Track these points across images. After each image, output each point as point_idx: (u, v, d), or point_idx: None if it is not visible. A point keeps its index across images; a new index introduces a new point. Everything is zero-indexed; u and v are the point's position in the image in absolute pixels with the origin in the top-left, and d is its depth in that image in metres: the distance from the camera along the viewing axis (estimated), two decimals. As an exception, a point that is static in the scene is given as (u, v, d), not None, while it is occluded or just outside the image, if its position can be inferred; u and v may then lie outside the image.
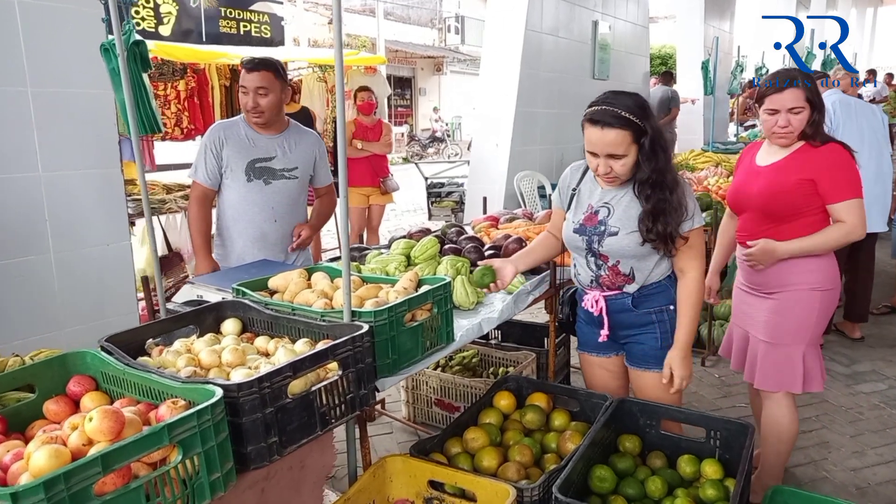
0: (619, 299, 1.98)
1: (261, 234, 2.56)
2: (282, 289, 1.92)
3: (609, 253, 1.94)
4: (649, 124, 1.80)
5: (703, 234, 1.91)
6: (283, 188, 2.56)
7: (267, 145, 2.54)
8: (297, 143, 2.60)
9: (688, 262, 1.90)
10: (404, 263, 2.34)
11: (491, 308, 2.14)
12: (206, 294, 2.11)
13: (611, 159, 1.83)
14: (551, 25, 6.26)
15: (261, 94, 2.43)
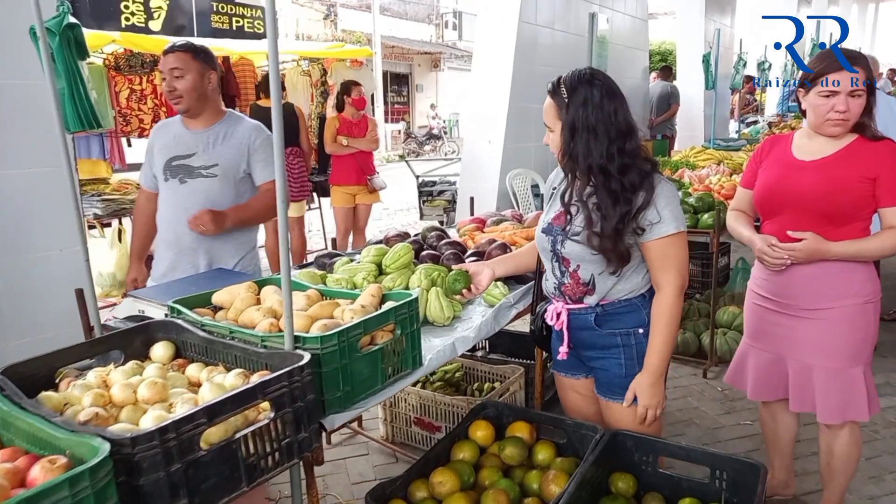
0: (582, 315, 1.74)
1: (175, 238, 2.31)
2: (227, 305, 1.68)
3: (570, 256, 1.71)
4: (576, 98, 1.59)
5: (681, 242, 1.63)
6: (199, 188, 2.27)
7: (190, 141, 2.29)
8: (225, 137, 2.30)
9: (661, 274, 1.63)
10: (374, 273, 2.10)
11: (468, 324, 1.90)
12: (149, 309, 1.88)
13: (548, 131, 1.70)
14: (547, 18, 6.01)
15: (176, 75, 2.21)
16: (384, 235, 2.68)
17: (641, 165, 1.62)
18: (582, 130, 1.59)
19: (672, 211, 1.61)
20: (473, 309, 2.06)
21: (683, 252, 1.64)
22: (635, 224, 1.60)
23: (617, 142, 1.60)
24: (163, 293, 1.93)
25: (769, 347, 2.12)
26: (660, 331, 1.65)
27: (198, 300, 1.68)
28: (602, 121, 1.59)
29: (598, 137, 1.59)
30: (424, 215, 6.91)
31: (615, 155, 1.60)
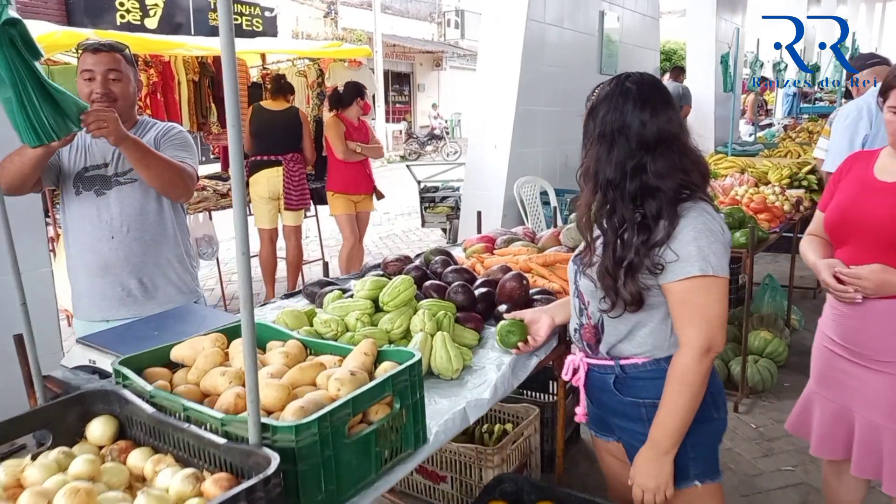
0: (600, 374, 1.49)
1: (97, 259, 2.06)
2: (189, 362, 1.38)
3: (584, 291, 1.47)
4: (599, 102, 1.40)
5: (710, 288, 1.30)
6: (119, 196, 2.05)
7: (103, 149, 2.06)
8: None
9: (681, 328, 1.34)
10: (370, 311, 1.80)
11: (481, 377, 1.60)
12: (101, 359, 1.58)
13: None
14: (555, 16, 5.70)
15: (113, 77, 1.99)
16: (383, 260, 2.39)
17: (670, 188, 1.32)
18: (597, 138, 1.38)
19: (700, 248, 1.30)
20: (486, 354, 1.76)
21: (715, 303, 1.31)
22: (651, 260, 1.31)
23: (638, 155, 1.33)
24: (118, 339, 1.63)
25: (835, 397, 1.83)
26: (669, 398, 1.35)
27: (154, 356, 1.38)
28: (620, 128, 1.34)
29: (612, 147, 1.35)
30: (426, 223, 6.61)
31: (632, 171, 1.34)
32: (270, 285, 4.85)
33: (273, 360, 1.33)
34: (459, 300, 1.92)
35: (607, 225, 1.37)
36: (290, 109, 4.72)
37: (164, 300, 2.12)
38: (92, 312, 2.12)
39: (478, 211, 3.10)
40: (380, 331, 1.69)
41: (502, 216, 5.16)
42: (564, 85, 5.96)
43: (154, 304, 2.10)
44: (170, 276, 2.16)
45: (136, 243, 2.08)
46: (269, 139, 4.57)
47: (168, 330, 1.66)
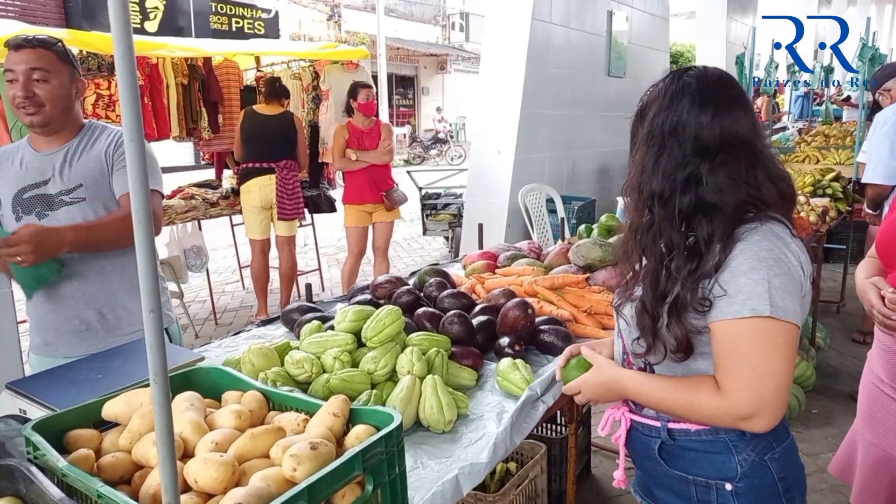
0: (644, 435, 1.21)
1: (50, 290, 1.78)
2: (124, 421, 1.15)
3: (624, 329, 1.21)
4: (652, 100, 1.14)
5: (773, 333, 0.99)
6: (65, 219, 1.75)
7: (42, 165, 1.78)
8: (84, 151, 1.80)
9: (726, 378, 1.02)
10: (351, 347, 1.56)
11: (478, 430, 1.36)
12: (31, 409, 1.35)
13: None
14: (562, 15, 5.47)
15: (37, 78, 1.70)
16: (372, 280, 2.15)
17: (730, 206, 1.05)
18: (644, 142, 1.12)
19: (755, 280, 1.00)
20: (484, 398, 1.52)
21: (771, 356, 0.99)
22: (698, 295, 1.04)
23: (693, 163, 1.06)
24: (53, 385, 1.40)
25: (880, 441, 1.60)
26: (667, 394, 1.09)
27: (82, 414, 1.14)
28: (672, 130, 1.07)
29: (662, 153, 1.08)
30: (428, 230, 6.39)
31: (684, 183, 1.06)
32: (262, 299, 4.63)
33: (222, 421, 1.09)
34: (455, 332, 1.69)
35: (651, 251, 1.11)
36: (285, 114, 4.49)
37: (129, 330, 1.86)
38: (48, 349, 1.85)
39: (479, 224, 2.86)
40: (361, 373, 1.45)
41: (506, 226, 4.92)
42: (571, 87, 5.72)
43: (117, 336, 1.84)
44: (135, 304, 1.86)
45: (91, 270, 1.80)
46: (261, 145, 4.34)
47: (114, 372, 1.43)
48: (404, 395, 1.37)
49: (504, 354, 1.64)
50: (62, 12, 11.60)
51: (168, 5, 13.10)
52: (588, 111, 6.06)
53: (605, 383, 1.19)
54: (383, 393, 1.42)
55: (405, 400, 1.36)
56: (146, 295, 0.68)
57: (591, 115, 6.13)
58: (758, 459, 1.11)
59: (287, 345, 1.64)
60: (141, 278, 0.68)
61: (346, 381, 1.41)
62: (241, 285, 5.67)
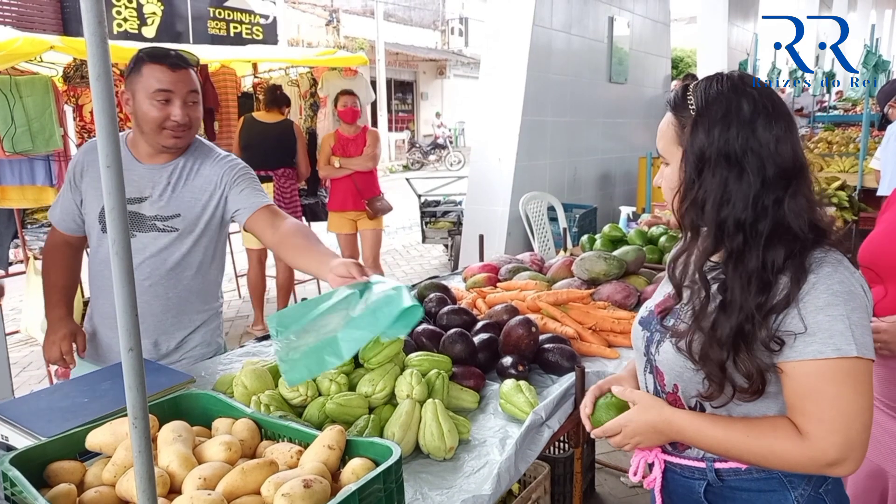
0: (685, 479, 1.11)
1: (111, 308, 1.73)
2: (109, 451, 1.09)
3: (665, 367, 1.09)
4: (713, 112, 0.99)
5: (857, 372, 0.93)
6: (151, 245, 1.68)
7: (141, 179, 1.68)
8: (190, 175, 1.72)
9: (808, 423, 0.94)
10: (348, 368, 1.50)
11: (481, 457, 1.30)
12: (14, 436, 1.29)
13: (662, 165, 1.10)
14: (563, 21, 5.43)
15: (191, 102, 1.65)
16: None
17: (804, 231, 0.97)
18: (718, 162, 0.98)
19: (837, 317, 0.92)
20: (486, 422, 1.46)
21: (858, 396, 0.93)
22: (767, 330, 0.95)
23: (775, 187, 0.97)
24: (38, 410, 1.34)
25: (872, 454, 1.54)
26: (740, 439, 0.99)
27: (64, 445, 1.09)
28: (754, 150, 0.97)
29: (743, 176, 0.97)
30: (427, 238, 6.34)
31: (769, 208, 0.97)
32: (259, 309, 4.56)
33: (211, 453, 1.03)
34: (457, 351, 1.63)
35: (732, 280, 0.99)
36: (285, 122, 4.44)
37: (176, 358, 1.79)
38: (98, 360, 1.80)
39: (480, 235, 2.80)
40: (358, 396, 1.39)
41: (507, 234, 4.87)
42: (572, 94, 5.68)
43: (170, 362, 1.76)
44: (192, 338, 1.80)
45: (156, 300, 1.72)
46: (259, 153, 4.29)
47: (101, 396, 1.37)
48: (403, 420, 1.31)
49: (507, 375, 1.59)
50: (59, 18, 11.57)
51: (166, 11, 13.06)
52: (589, 117, 6.02)
53: (655, 425, 1.06)
54: (381, 417, 1.36)
55: (404, 426, 1.30)
56: (124, 332, 0.63)
57: (593, 121, 6.08)
58: (814, 493, 1.04)
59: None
60: (119, 313, 0.63)
61: (343, 405, 1.35)
62: (237, 294, 5.61)
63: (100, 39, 0.59)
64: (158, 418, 1.11)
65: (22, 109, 3.05)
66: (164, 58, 1.62)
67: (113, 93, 0.60)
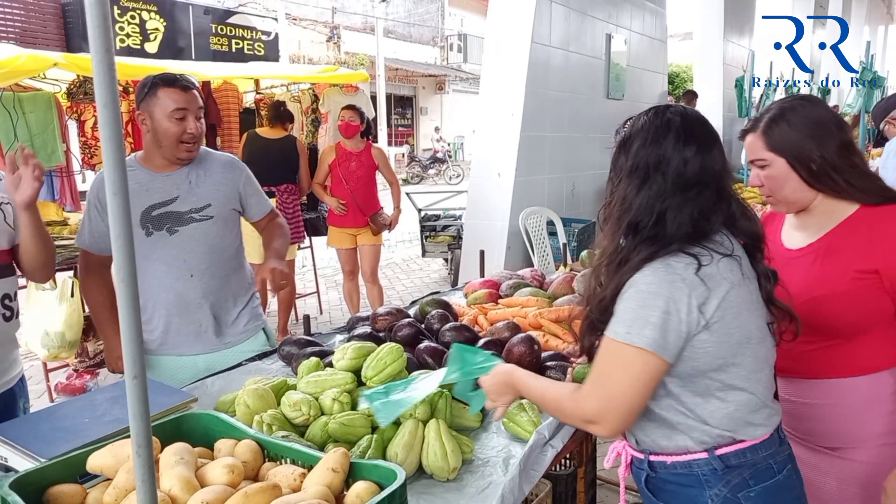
0: (638, 468, 1.24)
1: (175, 297, 1.98)
2: (110, 474, 1.08)
3: None
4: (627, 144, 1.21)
5: (625, 356, 1.08)
6: (195, 234, 1.97)
7: (164, 185, 1.96)
8: (207, 173, 2.02)
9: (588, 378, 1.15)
10: (351, 386, 1.50)
11: (484, 477, 1.30)
12: (13, 458, 1.28)
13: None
14: (561, 38, 5.48)
15: (199, 116, 1.94)
16: (372, 312, 2.09)
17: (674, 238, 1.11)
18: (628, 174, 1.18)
19: (630, 309, 1.09)
20: (489, 441, 1.46)
21: (621, 376, 1.09)
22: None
23: (671, 195, 1.13)
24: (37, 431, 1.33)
25: None
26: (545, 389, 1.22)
27: (65, 468, 1.08)
28: (657, 163, 1.14)
29: (646, 184, 1.15)
30: (427, 252, 6.34)
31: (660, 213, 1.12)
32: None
33: (214, 476, 1.03)
34: (458, 369, 1.62)
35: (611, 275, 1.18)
36: (288, 138, 4.48)
37: (234, 334, 2.07)
38: (164, 348, 2.02)
39: (481, 251, 2.81)
40: (361, 415, 1.39)
41: (506, 248, 4.87)
42: (570, 110, 5.72)
43: (224, 339, 2.05)
44: (244, 314, 2.10)
45: (213, 280, 2.01)
46: (262, 168, 4.28)
47: (102, 416, 1.36)
48: (406, 440, 1.31)
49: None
50: (62, 34, 11.66)
51: (168, 27, 13.17)
52: (587, 133, 6.05)
53: (505, 382, 1.26)
54: (384, 437, 1.36)
55: (407, 446, 1.30)
56: (129, 360, 0.62)
57: (591, 136, 6.11)
58: (730, 495, 1.11)
59: (284, 383, 1.58)
60: (124, 341, 0.63)
61: (346, 425, 1.34)
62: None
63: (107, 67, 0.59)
64: (160, 439, 1.11)
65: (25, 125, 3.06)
66: (176, 81, 1.89)
67: (120, 121, 0.61)
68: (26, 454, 1.23)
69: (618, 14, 6.39)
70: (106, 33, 0.58)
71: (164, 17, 13.05)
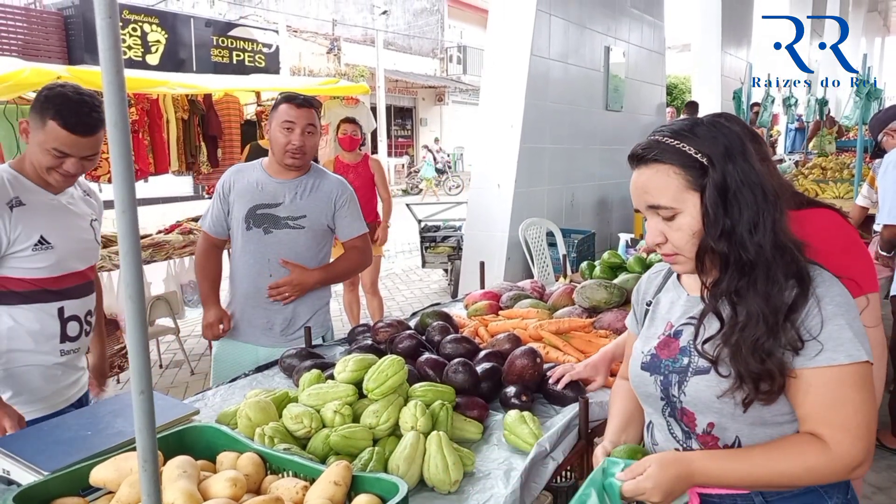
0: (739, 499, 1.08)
1: (255, 290, 2.22)
2: (113, 487, 1.08)
3: (695, 407, 1.09)
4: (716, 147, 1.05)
5: (869, 378, 0.99)
6: (285, 239, 2.19)
7: (276, 190, 2.21)
8: (312, 189, 2.24)
9: (830, 428, 0.98)
10: (352, 399, 1.50)
11: (486, 490, 1.30)
12: (15, 471, 1.28)
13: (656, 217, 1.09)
14: (560, 51, 5.52)
15: (309, 132, 2.17)
16: (373, 324, 2.10)
17: (796, 246, 1.05)
18: (740, 192, 1.04)
19: (840, 326, 0.98)
20: (490, 453, 1.46)
21: (871, 400, 0.99)
22: (792, 331, 1.00)
23: (773, 209, 1.05)
24: (40, 443, 1.33)
25: None
26: (766, 461, 1.01)
27: (68, 481, 1.08)
28: (746, 181, 1.04)
29: (758, 202, 1.04)
30: (427, 263, 6.35)
31: (769, 228, 1.04)
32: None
33: (217, 489, 1.03)
34: (460, 381, 1.63)
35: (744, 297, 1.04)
36: None
37: (294, 333, 2.24)
38: (235, 333, 2.27)
39: (481, 262, 2.82)
40: (362, 428, 1.39)
41: (506, 259, 4.88)
42: (570, 121, 5.75)
43: (287, 337, 2.23)
44: (310, 317, 2.27)
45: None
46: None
47: (104, 429, 1.36)
48: (408, 453, 1.31)
49: (511, 406, 1.58)
50: (64, 46, 11.73)
51: (170, 39, 13.27)
52: (586, 144, 6.09)
53: (679, 475, 1.04)
54: (385, 450, 1.36)
55: (409, 459, 1.30)
56: (136, 375, 0.63)
57: (590, 148, 6.15)
58: (844, 500, 1.09)
59: (285, 395, 1.58)
60: (132, 356, 0.63)
61: (347, 437, 1.34)
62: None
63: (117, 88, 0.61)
64: (163, 452, 1.11)
65: (27, 138, 3.07)
66: (293, 98, 2.16)
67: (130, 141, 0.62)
68: (29, 467, 1.23)
69: (616, 27, 6.44)
70: (117, 54, 0.59)
71: (166, 29, 13.15)
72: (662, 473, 1.04)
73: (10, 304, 1.66)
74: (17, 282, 1.66)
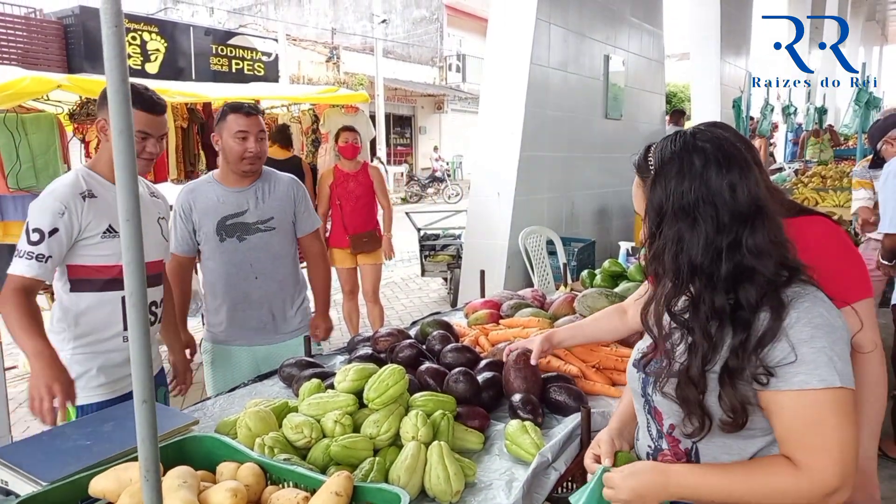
0: None
1: (243, 295, 2.32)
2: (113, 498, 1.07)
3: (662, 408, 1.13)
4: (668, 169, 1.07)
5: (847, 403, 0.97)
6: (259, 243, 2.30)
7: (237, 199, 2.28)
8: (270, 191, 2.33)
9: (807, 452, 0.98)
10: (353, 408, 1.49)
11: (488, 501, 1.29)
12: (14, 481, 1.27)
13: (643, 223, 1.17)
14: (559, 60, 5.54)
15: (261, 138, 2.25)
16: (374, 334, 2.09)
17: (769, 269, 1.02)
18: (673, 214, 1.06)
19: (816, 349, 0.97)
20: (491, 463, 1.45)
21: (849, 425, 0.97)
22: (756, 362, 0.99)
23: (730, 231, 1.03)
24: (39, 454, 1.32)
25: None
26: (741, 482, 1.01)
27: (68, 492, 1.07)
28: (706, 198, 1.03)
29: (696, 225, 1.03)
30: (427, 271, 6.34)
31: (724, 251, 1.02)
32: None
33: (217, 500, 1.02)
34: (460, 390, 1.62)
35: (692, 322, 1.06)
36: (294, 159, 4.56)
37: (288, 330, 2.40)
38: (229, 339, 2.35)
39: (481, 271, 2.81)
40: (363, 438, 1.38)
41: (506, 267, 4.88)
42: (569, 130, 5.76)
43: (280, 334, 2.38)
44: (295, 309, 2.41)
45: (273, 282, 2.34)
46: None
47: (104, 438, 1.36)
48: (409, 463, 1.30)
49: (517, 416, 1.56)
50: (64, 55, 11.76)
51: (169, 47, 13.31)
52: (586, 153, 6.10)
53: (649, 479, 1.06)
54: (386, 460, 1.35)
55: (410, 469, 1.29)
56: (138, 384, 0.63)
57: (589, 156, 6.16)
58: None
59: (285, 405, 1.57)
60: (134, 366, 0.63)
61: (348, 447, 1.34)
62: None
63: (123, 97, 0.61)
64: (162, 462, 1.10)
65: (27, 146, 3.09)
66: (241, 108, 2.21)
67: (134, 149, 0.62)
68: (28, 478, 1.22)
69: (616, 35, 6.47)
70: (122, 63, 0.59)
71: (165, 37, 13.18)
72: (635, 477, 1.07)
73: (79, 292, 1.82)
74: (87, 269, 1.81)
